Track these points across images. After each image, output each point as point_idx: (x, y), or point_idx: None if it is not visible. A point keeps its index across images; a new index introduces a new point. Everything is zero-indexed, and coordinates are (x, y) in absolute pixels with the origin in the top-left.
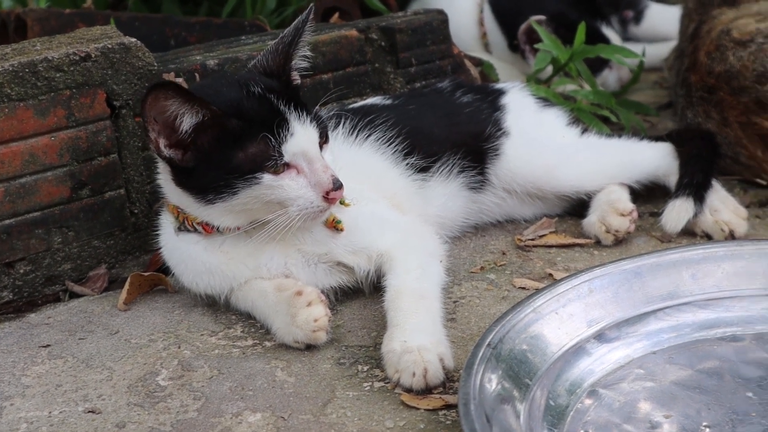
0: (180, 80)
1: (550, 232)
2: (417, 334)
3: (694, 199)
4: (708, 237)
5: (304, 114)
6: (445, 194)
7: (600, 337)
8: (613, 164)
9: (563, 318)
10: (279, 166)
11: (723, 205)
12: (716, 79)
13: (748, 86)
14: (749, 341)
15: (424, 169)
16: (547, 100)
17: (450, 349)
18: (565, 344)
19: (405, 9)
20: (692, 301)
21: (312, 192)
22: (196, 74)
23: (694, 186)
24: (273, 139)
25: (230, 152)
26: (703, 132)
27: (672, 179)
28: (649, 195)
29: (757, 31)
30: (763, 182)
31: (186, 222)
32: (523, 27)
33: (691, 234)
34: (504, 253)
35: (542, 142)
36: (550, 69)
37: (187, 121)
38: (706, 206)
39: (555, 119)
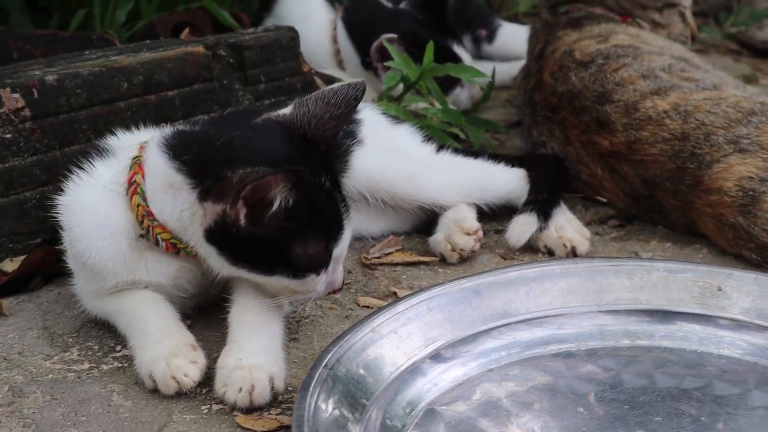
0: (17, 96)
1: (397, 250)
2: (253, 353)
3: (538, 214)
4: (551, 253)
5: (349, 211)
6: None
7: (436, 356)
8: (470, 183)
9: (402, 337)
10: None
11: (569, 224)
12: (559, 98)
13: (588, 106)
14: (582, 357)
15: None
16: (398, 118)
17: (283, 371)
18: (402, 364)
19: (258, 25)
20: (528, 318)
21: (324, 287)
22: (34, 90)
23: (540, 202)
24: (331, 243)
25: (289, 240)
26: (552, 156)
27: (522, 201)
28: (495, 214)
29: (597, 52)
30: (604, 200)
31: (151, 231)
32: (375, 45)
33: (534, 251)
34: (350, 272)
35: (399, 153)
36: (401, 86)
37: (278, 205)
38: (551, 222)
39: (409, 135)
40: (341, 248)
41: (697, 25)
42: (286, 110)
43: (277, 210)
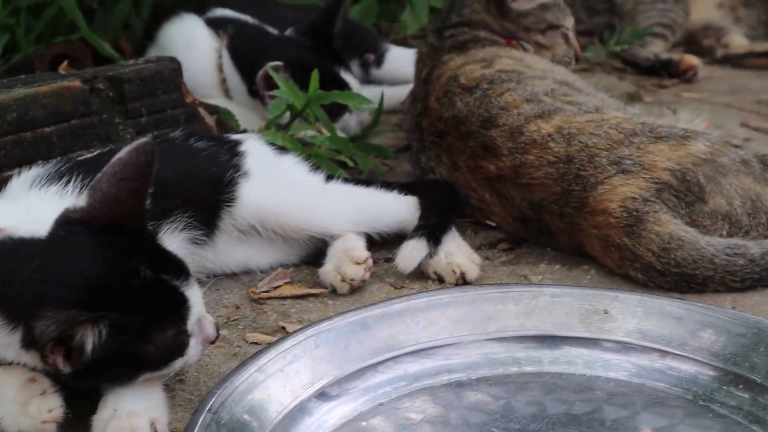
0: None
1: (286, 283)
2: (131, 399)
3: (428, 240)
4: (440, 280)
5: (185, 273)
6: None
7: (323, 395)
8: (361, 212)
9: (289, 375)
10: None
11: (459, 250)
12: (445, 124)
13: (474, 131)
14: (472, 386)
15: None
16: (284, 148)
17: (166, 415)
18: (288, 404)
19: (142, 54)
20: (417, 349)
21: (199, 348)
22: None
23: (430, 228)
24: (179, 322)
25: (132, 350)
26: (444, 182)
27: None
28: (385, 242)
29: (482, 77)
30: (493, 224)
31: None
32: (260, 73)
33: (425, 278)
34: (238, 307)
35: (287, 183)
36: (288, 115)
37: (90, 343)
38: (441, 248)
39: (296, 164)
40: (196, 312)
41: (582, 44)
42: (82, 201)
43: (95, 346)
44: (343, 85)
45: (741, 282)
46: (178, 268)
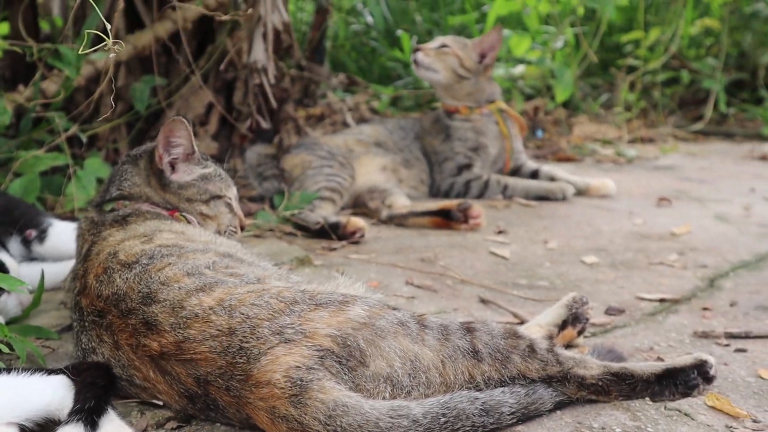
0: None
1: None
2: None
3: (85, 424)
4: None
5: None
6: None
7: None
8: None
9: None
10: None
11: None
12: (105, 302)
13: (135, 308)
14: None
15: None
16: None
17: None
18: None
19: None
20: None
21: None
22: None
23: (86, 411)
24: None
25: None
26: (98, 363)
27: (66, 412)
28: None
29: (142, 252)
30: (160, 402)
31: None
32: None
33: None
34: None
35: None
36: None
37: None
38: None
39: None
40: None
41: (254, 210)
42: None
43: None
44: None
45: None
46: None
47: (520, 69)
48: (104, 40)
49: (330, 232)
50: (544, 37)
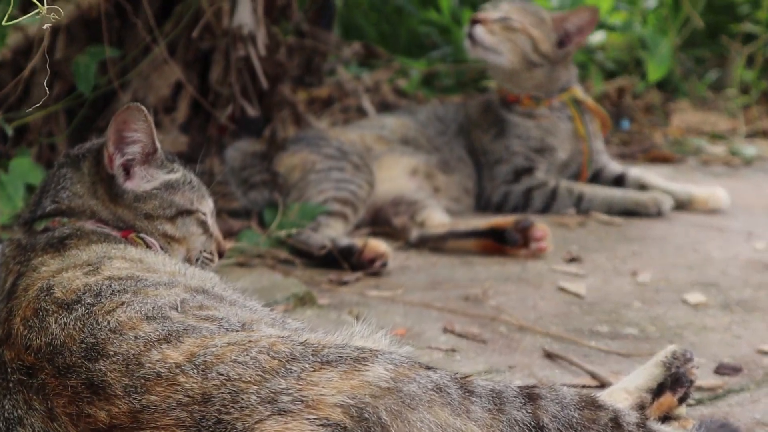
0: None
1: None
2: None
3: None
4: None
5: None
6: None
7: None
8: None
9: None
10: None
11: None
12: (36, 355)
13: (76, 364)
14: None
15: None
16: None
17: None
18: None
19: None
20: None
21: None
22: None
23: None
24: None
25: None
26: None
27: None
28: None
29: (86, 288)
30: None
31: None
32: None
33: None
34: None
35: None
36: None
37: None
38: None
39: None
40: None
41: (236, 229)
42: None
43: None
44: None
45: None
46: None
47: (599, 37)
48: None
49: (340, 260)
50: None
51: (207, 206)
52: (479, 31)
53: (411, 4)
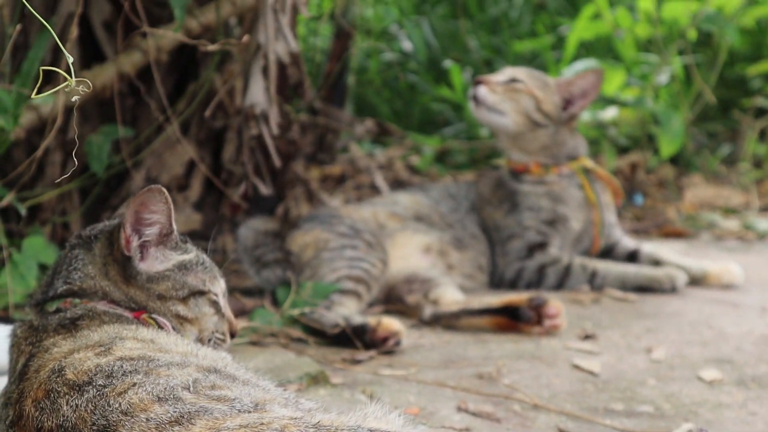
0: None
1: None
2: None
3: None
4: None
5: None
6: None
7: None
8: None
9: None
10: None
11: None
12: None
13: None
14: None
15: None
16: None
17: None
18: None
19: None
20: None
21: None
22: None
23: None
24: None
25: None
26: None
27: None
28: None
29: (98, 369)
30: None
31: None
32: None
33: None
34: None
35: None
36: None
37: None
38: None
39: None
40: None
41: (250, 308)
42: None
43: None
44: None
45: None
46: None
47: (611, 112)
48: (52, 80)
49: (354, 338)
50: (644, 69)
51: (219, 287)
52: (482, 91)
53: (423, 82)
